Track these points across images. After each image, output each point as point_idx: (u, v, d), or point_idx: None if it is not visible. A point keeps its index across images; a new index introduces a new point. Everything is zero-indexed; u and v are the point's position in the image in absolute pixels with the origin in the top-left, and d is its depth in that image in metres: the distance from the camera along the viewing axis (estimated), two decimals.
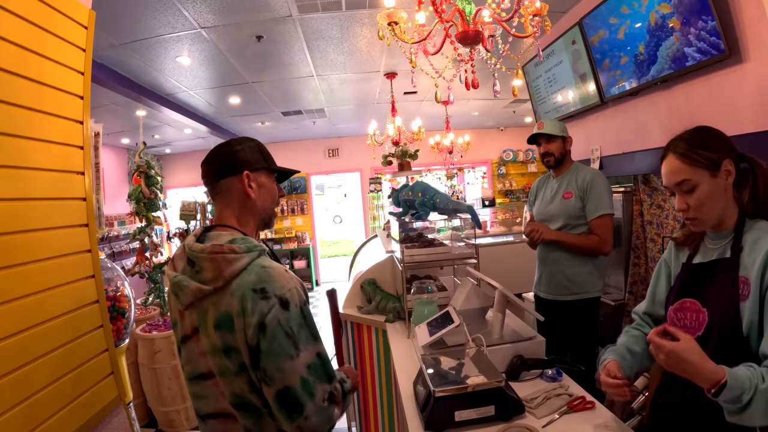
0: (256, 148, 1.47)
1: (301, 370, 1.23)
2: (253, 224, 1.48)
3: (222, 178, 1.42)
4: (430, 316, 2.30)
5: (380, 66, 5.65)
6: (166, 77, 5.27)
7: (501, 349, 2.05)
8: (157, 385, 4.08)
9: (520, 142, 11.39)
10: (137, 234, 4.72)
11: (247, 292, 1.24)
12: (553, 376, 1.94)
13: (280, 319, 1.23)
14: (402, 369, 2.21)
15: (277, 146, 10.85)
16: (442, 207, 2.73)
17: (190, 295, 1.30)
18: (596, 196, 2.83)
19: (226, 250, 1.28)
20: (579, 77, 4.10)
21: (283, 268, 1.33)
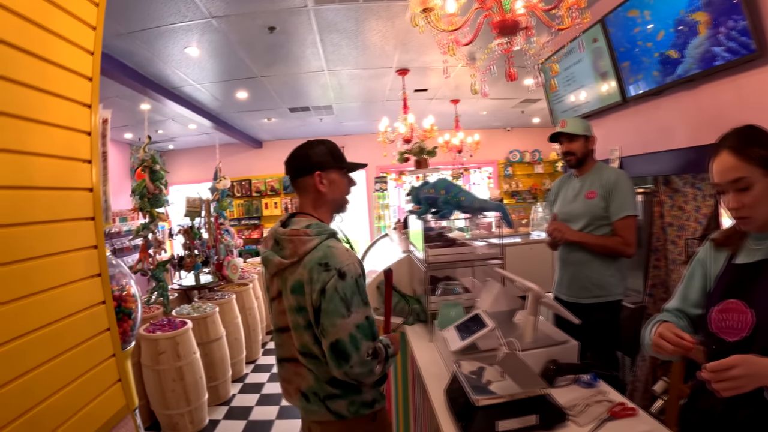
0: (326, 151, 1.81)
1: (350, 327, 1.58)
2: (327, 212, 1.86)
3: (299, 177, 1.81)
4: (456, 319, 2.24)
5: (393, 62, 5.51)
6: (173, 69, 5.13)
7: (534, 353, 1.98)
8: (161, 388, 3.94)
9: (527, 143, 11.31)
10: (140, 230, 4.59)
11: (314, 266, 1.62)
12: (590, 382, 1.89)
13: (337, 286, 1.59)
14: (430, 375, 2.15)
15: (282, 143, 10.76)
16: (467, 205, 2.66)
17: (274, 267, 1.74)
18: (620, 197, 2.75)
19: (301, 234, 1.69)
20: (600, 76, 3.98)
21: (345, 248, 1.70)
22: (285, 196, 10.88)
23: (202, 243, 5.72)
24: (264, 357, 6.11)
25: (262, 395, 4.89)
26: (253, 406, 4.65)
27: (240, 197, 10.91)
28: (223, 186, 6.34)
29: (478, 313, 2.14)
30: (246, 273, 6.79)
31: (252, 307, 6.03)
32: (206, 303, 5.00)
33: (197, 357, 4.19)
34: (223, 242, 6.04)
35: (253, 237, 10.70)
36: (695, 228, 3.27)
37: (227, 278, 5.88)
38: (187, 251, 5.59)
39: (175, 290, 5.44)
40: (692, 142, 3.08)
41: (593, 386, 1.87)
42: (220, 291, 5.70)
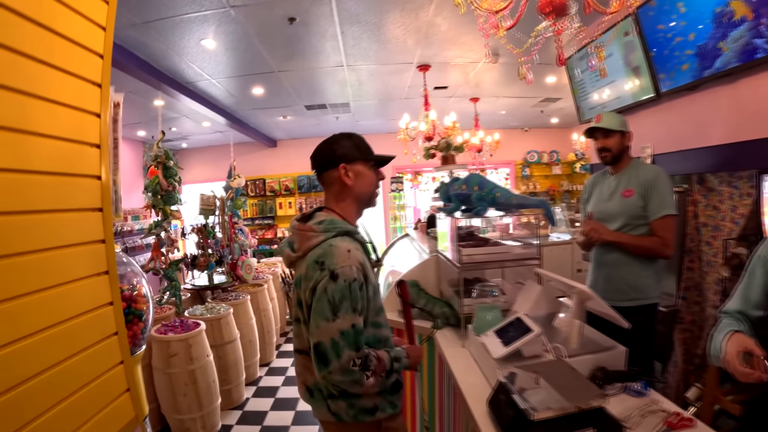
0: (352, 144, 1.76)
1: (334, 332, 1.51)
2: (352, 206, 1.80)
3: (324, 170, 1.76)
4: (494, 323, 2.13)
5: (414, 57, 5.36)
6: (188, 63, 4.98)
7: (581, 360, 1.86)
8: (172, 392, 3.79)
9: (544, 144, 11.21)
10: (153, 228, 4.46)
11: (311, 263, 1.60)
12: (640, 390, 1.77)
13: (327, 287, 1.53)
14: (467, 384, 2.02)
15: (297, 143, 10.79)
16: (503, 202, 2.52)
17: (286, 259, 1.76)
18: (659, 195, 2.63)
19: (306, 229, 1.67)
20: (631, 70, 3.84)
21: (347, 248, 1.60)
22: (299, 195, 10.81)
23: (215, 242, 5.61)
24: (278, 359, 5.96)
25: (277, 399, 4.72)
26: (268, 410, 4.49)
27: (254, 197, 10.86)
28: (237, 184, 6.25)
29: (519, 317, 2.02)
30: (260, 273, 6.67)
31: (267, 309, 5.87)
32: (220, 304, 4.86)
33: (210, 360, 4.04)
34: (238, 241, 5.93)
35: (266, 237, 10.65)
36: (731, 228, 3.18)
37: (241, 278, 5.76)
38: (200, 250, 5.47)
39: (187, 290, 5.31)
40: (729, 139, 3.01)
41: (644, 395, 1.76)
42: (234, 291, 5.56)
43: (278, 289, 7.01)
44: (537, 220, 2.75)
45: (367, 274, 1.64)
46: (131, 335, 1.87)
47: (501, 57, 5.42)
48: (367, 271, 1.65)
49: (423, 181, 11.07)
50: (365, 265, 1.64)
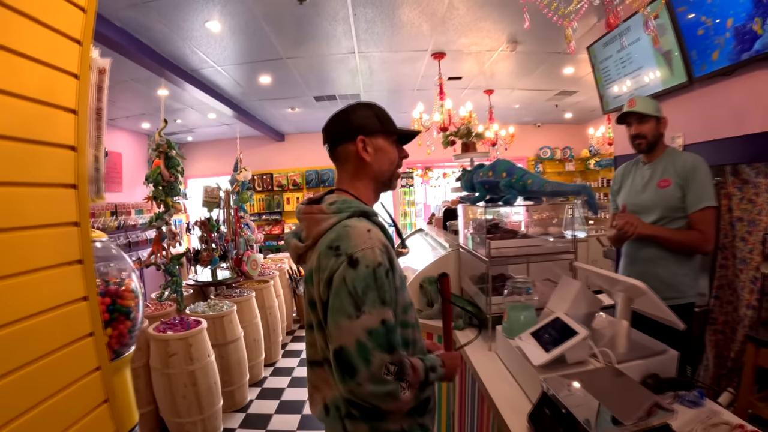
0: (371, 113, 1.52)
1: (358, 332, 1.23)
2: (370, 187, 1.54)
3: (339, 144, 1.51)
4: (528, 325, 1.98)
5: (429, 44, 5.12)
6: (192, 48, 4.75)
7: (630, 366, 1.68)
8: (171, 393, 3.58)
9: (557, 139, 10.98)
10: (154, 221, 4.26)
11: (324, 249, 1.32)
12: (695, 400, 1.61)
13: (345, 276, 1.25)
14: (499, 393, 1.84)
15: (305, 137, 10.63)
16: (536, 189, 2.31)
17: (293, 251, 1.48)
18: (699, 186, 2.48)
19: (314, 211, 1.41)
20: (662, 55, 3.65)
21: (366, 228, 1.34)
22: (308, 191, 10.63)
23: (220, 236, 5.43)
24: (284, 359, 5.73)
25: (282, 402, 4.50)
26: (272, 414, 4.27)
27: (261, 191, 10.69)
28: (243, 177, 6.09)
29: (558, 317, 1.86)
30: (266, 269, 6.49)
31: (272, 306, 5.65)
32: (223, 301, 4.64)
33: (212, 360, 3.82)
34: (243, 236, 5.74)
35: (273, 233, 10.49)
36: None
37: (246, 274, 5.58)
38: (203, 244, 5.27)
39: (190, 286, 5.17)
40: (767, 127, 2.87)
41: (699, 405, 1.60)
42: (239, 288, 5.35)
43: (285, 285, 6.82)
44: (572, 209, 2.53)
45: (392, 258, 1.36)
46: (116, 335, 1.64)
47: (519, 45, 5.17)
48: (392, 255, 1.37)
49: (434, 176, 10.86)
50: (389, 248, 1.36)
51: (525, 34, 4.86)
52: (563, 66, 6.13)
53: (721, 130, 3.24)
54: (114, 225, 7.41)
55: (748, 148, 3.02)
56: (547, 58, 5.75)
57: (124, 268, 1.87)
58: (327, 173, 10.60)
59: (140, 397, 3.60)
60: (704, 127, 3.40)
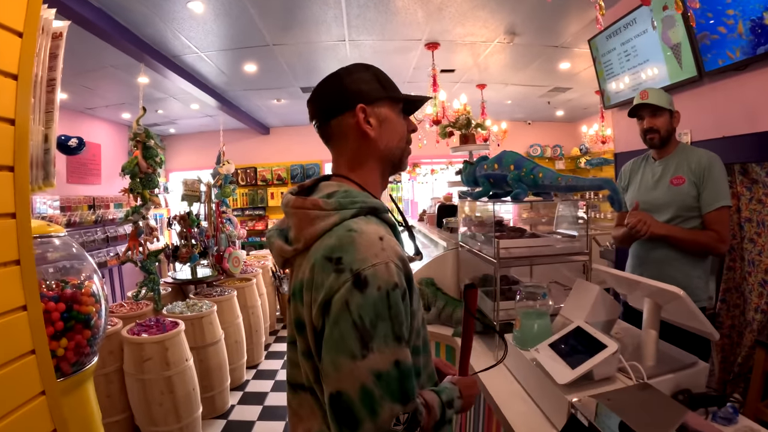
0: (370, 75, 1.21)
1: (364, 376, 0.93)
2: (376, 169, 1.23)
3: (332, 117, 1.19)
4: (543, 334, 1.81)
5: (423, 33, 4.92)
6: (174, 32, 4.48)
7: (661, 381, 1.55)
8: (146, 400, 3.33)
9: (547, 137, 10.91)
10: (130, 215, 4.01)
11: (320, 259, 1.01)
12: (729, 417, 1.47)
13: (349, 301, 0.94)
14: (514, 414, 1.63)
15: (291, 130, 10.46)
16: (548, 184, 2.08)
17: (277, 254, 1.15)
18: (715, 184, 2.38)
19: (308, 206, 1.08)
20: (670, 48, 3.52)
21: (378, 233, 1.03)
22: (292, 185, 10.24)
23: (200, 232, 5.18)
24: (267, 361, 5.50)
25: (266, 407, 4.27)
26: (255, 420, 4.04)
27: (244, 186, 10.47)
28: (226, 171, 5.87)
29: (580, 326, 1.69)
30: (249, 266, 6.26)
31: (255, 306, 5.41)
32: (203, 300, 4.39)
33: (190, 365, 3.58)
34: (225, 232, 5.51)
35: (257, 228, 10.27)
36: None
37: (228, 272, 5.36)
38: (183, 240, 5.02)
39: (168, 284, 4.91)
40: None
41: (733, 421, 1.46)
42: (220, 286, 5.11)
43: (268, 283, 6.60)
44: (587, 205, 2.41)
45: (410, 274, 1.04)
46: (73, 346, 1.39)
47: (517, 36, 4.99)
48: (410, 270, 1.05)
49: (421, 173, 10.67)
50: (407, 261, 1.05)
51: (524, 25, 4.70)
52: (560, 61, 6.00)
53: (732, 127, 3.14)
54: (92, 219, 7.16)
55: (760, 147, 2.91)
56: (544, 52, 5.61)
57: (84, 268, 1.63)
58: (313, 168, 10.41)
59: (114, 403, 3.40)
60: (713, 124, 3.30)
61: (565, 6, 4.27)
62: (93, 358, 1.59)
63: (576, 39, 5.10)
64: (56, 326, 1.43)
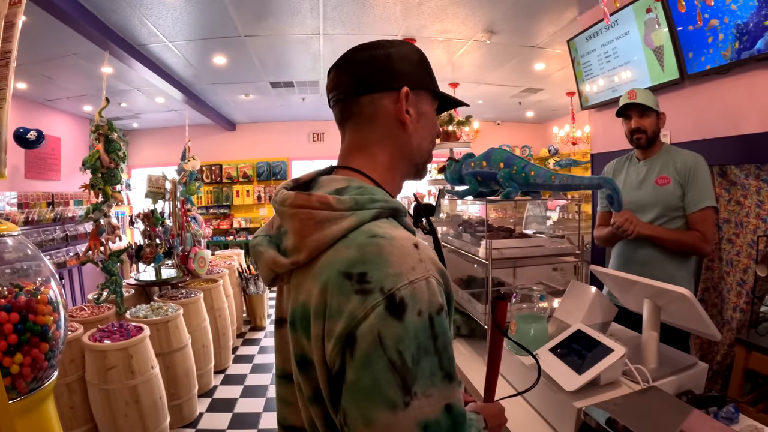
0: (420, 58, 1.00)
1: (408, 429, 0.68)
2: (399, 169, 1.00)
3: (366, 92, 0.94)
4: (540, 338, 1.74)
5: (400, 29, 4.82)
6: (141, 17, 4.26)
7: (664, 384, 1.53)
8: (111, 411, 3.13)
9: (517, 138, 10.98)
10: (91, 212, 3.81)
11: (335, 277, 0.74)
12: (730, 416, 1.46)
13: (382, 333, 0.69)
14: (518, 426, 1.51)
15: (257, 126, 10.32)
16: (541, 183, 1.99)
17: (267, 268, 0.86)
18: (700, 185, 2.41)
19: (315, 204, 0.82)
20: (652, 51, 3.56)
21: (411, 240, 0.79)
22: (258, 183, 10.30)
23: (165, 231, 4.98)
24: (235, 365, 5.31)
25: (236, 415, 4.10)
26: (225, 429, 3.87)
27: (209, 183, 10.25)
28: (191, 167, 5.68)
29: (580, 330, 1.64)
30: (215, 267, 6.08)
31: (222, 308, 5.22)
32: (168, 303, 4.20)
33: (156, 373, 3.39)
34: (190, 231, 5.32)
35: (222, 227, 10.10)
36: (756, 225, 3.05)
37: (194, 273, 5.17)
38: (146, 239, 4.81)
39: (131, 286, 4.71)
40: (762, 128, 2.82)
41: (735, 421, 1.45)
42: (185, 288, 4.90)
43: (235, 284, 6.41)
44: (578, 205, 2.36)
45: (450, 293, 0.82)
46: (29, 362, 1.22)
47: (495, 35, 4.94)
48: (451, 289, 0.83)
49: None
50: (447, 276, 0.82)
51: (502, 23, 4.65)
52: (534, 61, 6.00)
53: (712, 129, 3.17)
54: (50, 216, 6.84)
55: (740, 149, 2.96)
56: (520, 52, 5.59)
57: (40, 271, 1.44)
58: (279, 165, 10.27)
59: (77, 415, 3.20)
60: (693, 126, 3.33)
61: (544, 6, 4.23)
62: (53, 374, 1.42)
63: (552, 40, 5.09)
64: (9, 340, 1.25)
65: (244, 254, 7.73)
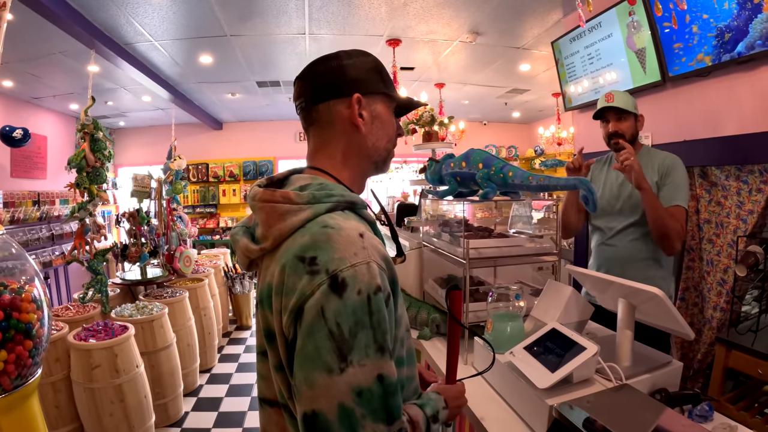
0: (372, 66, 1.12)
1: (343, 393, 0.81)
2: (358, 167, 1.13)
3: (322, 100, 1.08)
4: (516, 337, 1.79)
5: (385, 29, 4.84)
6: (128, 16, 4.25)
7: (638, 381, 1.55)
8: (96, 410, 3.14)
9: (503, 138, 11.03)
10: (76, 211, 3.80)
11: (291, 260, 0.89)
12: (705, 414, 1.48)
13: (325, 307, 0.83)
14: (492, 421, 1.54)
15: (244, 125, 10.28)
16: (519, 183, 2.00)
17: (243, 255, 1.03)
18: (675, 183, 2.38)
19: (278, 199, 0.97)
20: (635, 53, 3.59)
21: (357, 229, 0.93)
22: (245, 183, 10.26)
23: (150, 230, 4.96)
24: (221, 364, 5.32)
25: (221, 414, 4.11)
26: (211, 428, 3.88)
27: (196, 183, 10.20)
28: (177, 166, 5.67)
29: (555, 328, 1.66)
30: (200, 266, 6.08)
31: (207, 307, 5.22)
32: (153, 302, 4.19)
33: (141, 372, 3.39)
34: (176, 230, 5.31)
35: (208, 226, 10.05)
36: (736, 225, 3.05)
37: (179, 272, 5.17)
38: (132, 239, 4.80)
39: (116, 285, 4.68)
40: (742, 130, 2.85)
41: (709, 419, 1.47)
42: (171, 287, 4.90)
43: (220, 283, 6.41)
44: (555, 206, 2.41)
45: (395, 277, 0.96)
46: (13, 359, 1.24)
47: (480, 36, 4.98)
48: (395, 272, 0.97)
49: None
50: (390, 261, 0.96)
51: (488, 25, 4.68)
52: (520, 62, 6.03)
53: (693, 131, 3.19)
54: (36, 215, 6.81)
55: (721, 151, 2.98)
56: (505, 53, 5.63)
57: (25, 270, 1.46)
58: (266, 164, 10.25)
59: (62, 414, 3.20)
60: (674, 128, 3.36)
61: (529, 7, 4.27)
62: (37, 371, 1.44)
63: (537, 41, 5.13)
64: None
65: (230, 253, 7.70)
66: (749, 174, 2.94)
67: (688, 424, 1.24)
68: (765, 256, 2.73)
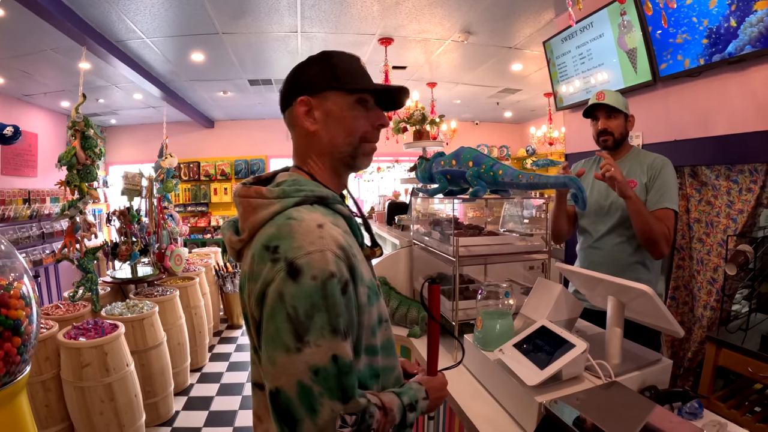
0: (328, 65, 1.13)
1: (300, 371, 0.89)
2: (322, 164, 1.18)
3: (285, 107, 1.18)
4: (505, 334, 1.79)
5: (378, 27, 4.83)
6: (119, 14, 4.23)
7: (628, 379, 1.55)
8: (86, 409, 3.12)
9: (495, 138, 11.05)
10: (66, 209, 3.78)
11: (259, 249, 0.98)
12: (694, 411, 1.49)
13: (283, 292, 0.91)
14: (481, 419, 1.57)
15: (236, 124, 10.26)
16: (509, 181, 1.99)
17: (228, 246, 1.12)
18: (664, 185, 2.35)
19: (252, 194, 1.06)
20: (626, 53, 3.61)
21: (317, 221, 0.99)
22: (236, 181, 10.17)
23: (141, 228, 4.94)
24: (211, 363, 5.30)
25: (212, 413, 4.10)
26: (201, 427, 3.86)
27: (187, 181, 10.14)
28: (169, 164, 5.65)
29: (544, 326, 1.66)
30: (191, 265, 6.07)
31: (198, 306, 5.20)
32: (144, 300, 4.16)
33: (131, 370, 3.38)
34: (167, 228, 5.29)
35: (199, 225, 10.00)
36: (726, 224, 3.06)
37: (170, 271, 5.16)
38: (122, 237, 4.77)
39: (107, 284, 4.65)
40: (733, 129, 2.87)
41: (699, 416, 1.48)
42: (161, 286, 4.89)
43: (211, 282, 6.40)
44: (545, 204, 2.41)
45: (354, 265, 0.99)
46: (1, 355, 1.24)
47: (472, 35, 4.98)
48: (354, 262, 1.00)
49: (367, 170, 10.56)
50: (349, 251, 0.99)
51: (480, 24, 4.69)
52: (512, 62, 6.04)
53: (683, 131, 3.21)
54: (26, 214, 6.76)
55: (711, 150, 3.00)
56: (497, 53, 5.64)
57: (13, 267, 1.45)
58: (257, 163, 10.23)
59: (52, 413, 3.18)
60: (665, 128, 3.37)
61: (521, 7, 4.28)
62: (25, 368, 1.43)
63: (529, 41, 5.14)
64: None
65: (221, 252, 7.67)
66: (739, 173, 2.96)
67: (677, 422, 1.24)
68: (755, 255, 2.74)
